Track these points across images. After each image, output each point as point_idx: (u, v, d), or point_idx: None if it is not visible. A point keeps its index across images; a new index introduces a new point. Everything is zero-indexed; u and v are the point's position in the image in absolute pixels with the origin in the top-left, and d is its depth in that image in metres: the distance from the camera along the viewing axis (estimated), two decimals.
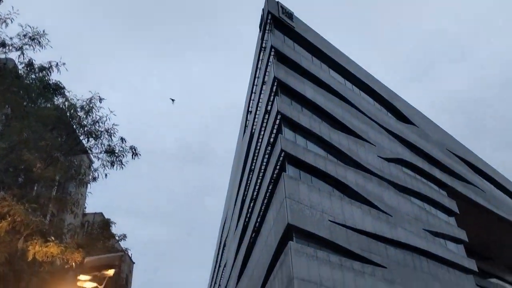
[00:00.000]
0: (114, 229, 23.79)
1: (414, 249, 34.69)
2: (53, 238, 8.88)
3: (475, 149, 57.53)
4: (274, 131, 33.79)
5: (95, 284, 8.74)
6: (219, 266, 67.24)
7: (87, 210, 30.83)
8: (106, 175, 16.87)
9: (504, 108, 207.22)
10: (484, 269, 47.98)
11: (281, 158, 31.14)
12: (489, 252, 52.17)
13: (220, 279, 64.05)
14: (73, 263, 8.38)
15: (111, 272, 8.90)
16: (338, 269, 27.90)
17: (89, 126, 16.60)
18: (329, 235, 28.94)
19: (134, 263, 44.45)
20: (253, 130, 43.49)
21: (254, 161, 41.16)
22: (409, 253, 34.13)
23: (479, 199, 46.57)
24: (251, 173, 42.45)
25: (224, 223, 67.17)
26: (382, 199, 35.30)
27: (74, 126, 16.79)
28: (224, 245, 62.91)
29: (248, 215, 41.91)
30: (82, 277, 8.54)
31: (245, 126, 51.18)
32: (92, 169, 17.47)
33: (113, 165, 16.77)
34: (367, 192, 34.15)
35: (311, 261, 26.79)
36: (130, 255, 40.41)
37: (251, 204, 40.39)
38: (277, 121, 33.18)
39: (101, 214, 29.85)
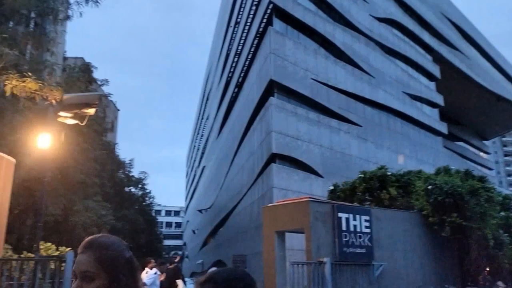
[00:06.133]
0: (96, 74, 23.72)
1: (390, 110, 35.99)
2: (30, 74, 8.67)
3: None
4: None
5: (76, 121, 8.87)
6: (202, 118, 69.34)
7: (68, 54, 30.15)
8: (81, 13, 16.49)
9: None
10: (454, 132, 50.74)
11: (268, 11, 29.77)
12: (461, 117, 54.57)
13: (203, 130, 66.70)
14: (53, 101, 8.32)
15: (91, 111, 8.97)
16: (315, 125, 29.10)
17: None
18: (310, 92, 29.43)
19: (119, 110, 45.32)
20: None
21: (240, 13, 39.37)
22: (385, 113, 35.46)
23: (462, 65, 46.83)
24: (237, 26, 40.95)
25: (208, 77, 67.16)
26: (368, 60, 35.15)
27: None
28: (207, 99, 63.94)
29: (231, 70, 41.73)
30: (63, 113, 8.59)
31: None
32: (66, 6, 16.79)
33: (88, 2, 16.36)
34: (353, 52, 33.79)
35: (290, 116, 27.69)
36: (114, 102, 40.91)
37: (235, 59, 39.90)
38: None
39: (82, 58, 29.20)
